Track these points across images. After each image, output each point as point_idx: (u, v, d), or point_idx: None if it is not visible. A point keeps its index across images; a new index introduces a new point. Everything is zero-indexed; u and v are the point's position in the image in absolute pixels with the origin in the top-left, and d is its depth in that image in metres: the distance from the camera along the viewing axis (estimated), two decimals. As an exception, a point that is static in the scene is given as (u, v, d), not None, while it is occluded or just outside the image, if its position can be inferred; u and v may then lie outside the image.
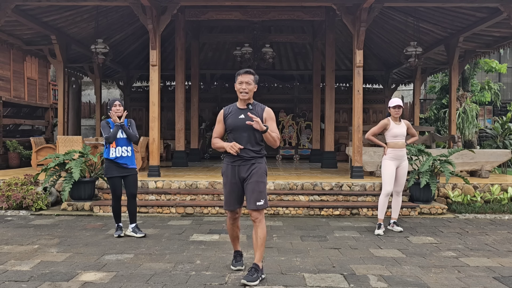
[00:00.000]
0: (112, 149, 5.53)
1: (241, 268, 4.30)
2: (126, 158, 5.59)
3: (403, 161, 6.06)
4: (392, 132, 5.99)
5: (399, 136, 5.99)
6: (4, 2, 8.55)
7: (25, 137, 13.87)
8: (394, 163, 6.01)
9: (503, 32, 10.34)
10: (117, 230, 5.69)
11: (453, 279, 4.08)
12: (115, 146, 5.54)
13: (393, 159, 6.01)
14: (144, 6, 8.40)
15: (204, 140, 15.36)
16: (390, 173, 6.01)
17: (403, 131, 6.02)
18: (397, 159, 6.01)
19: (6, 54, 13.37)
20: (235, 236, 4.28)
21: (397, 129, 5.99)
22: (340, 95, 15.06)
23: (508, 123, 14.98)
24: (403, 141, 6.03)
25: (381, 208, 6.10)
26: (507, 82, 20.21)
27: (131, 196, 5.66)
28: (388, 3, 8.76)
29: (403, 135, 6.02)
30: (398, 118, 6.05)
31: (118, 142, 5.56)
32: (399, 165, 6.04)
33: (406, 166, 6.10)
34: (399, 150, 6.00)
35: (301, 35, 13.85)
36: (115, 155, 5.52)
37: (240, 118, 3.96)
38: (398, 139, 6.00)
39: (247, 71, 4.03)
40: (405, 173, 6.12)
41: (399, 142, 6.00)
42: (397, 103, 5.96)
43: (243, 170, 3.96)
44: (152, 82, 8.68)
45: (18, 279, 3.98)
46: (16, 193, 7.38)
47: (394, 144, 6.00)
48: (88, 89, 19.75)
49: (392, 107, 5.99)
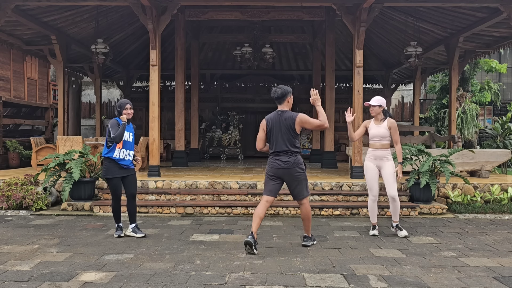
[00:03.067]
0: (117, 150, 5.50)
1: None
2: (128, 161, 5.60)
3: (385, 162, 5.75)
4: (370, 133, 5.84)
5: (376, 137, 5.78)
6: (4, 2, 8.55)
7: (25, 137, 13.87)
8: (372, 164, 5.80)
9: (503, 32, 10.34)
10: (117, 230, 5.69)
11: (453, 279, 4.08)
12: (121, 148, 5.52)
13: (370, 160, 5.84)
14: (144, 6, 8.40)
15: (204, 140, 15.36)
16: (369, 176, 5.81)
17: (381, 132, 5.74)
18: (376, 160, 5.79)
19: (6, 54, 13.37)
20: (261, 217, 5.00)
21: (375, 130, 5.79)
22: (340, 95, 15.07)
23: (508, 123, 14.98)
24: (381, 142, 5.75)
25: (370, 212, 5.95)
26: (507, 82, 20.21)
27: (130, 196, 5.66)
28: (388, 3, 8.76)
29: (380, 136, 5.75)
30: (381, 117, 5.80)
31: (125, 145, 5.55)
32: (380, 166, 5.78)
33: (390, 166, 5.74)
34: (376, 151, 5.79)
35: (301, 35, 13.86)
36: (119, 156, 5.51)
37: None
38: (375, 140, 5.79)
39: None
40: (390, 172, 5.73)
41: (376, 144, 5.79)
42: (370, 102, 5.79)
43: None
44: (152, 82, 8.68)
45: (18, 279, 3.98)
46: (16, 193, 7.38)
47: (371, 144, 5.84)
48: (88, 89, 19.75)
49: (369, 106, 5.85)
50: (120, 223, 5.72)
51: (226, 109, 16.02)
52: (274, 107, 5.19)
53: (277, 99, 5.09)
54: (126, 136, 5.56)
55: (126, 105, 5.60)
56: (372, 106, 5.80)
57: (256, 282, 3.93)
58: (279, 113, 5.03)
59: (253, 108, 16.56)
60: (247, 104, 16.46)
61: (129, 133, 5.62)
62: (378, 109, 5.78)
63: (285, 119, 4.97)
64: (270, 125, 5.03)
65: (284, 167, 4.95)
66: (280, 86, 5.14)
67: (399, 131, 6.51)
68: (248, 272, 4.22)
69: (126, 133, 5.56)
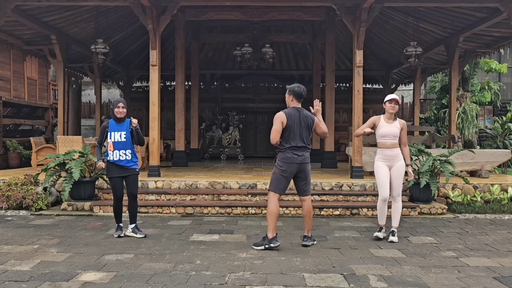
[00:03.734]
0: (110, 152, 5.52)
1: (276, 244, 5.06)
2: (125, 161, 5.56)
3: (396, 162, 5.54)
4: (380, 132, 5.53)
5: (388, 136, 5.51)
6: (4, 2, 8.55)
7: (25, 137, 13.86)
8: (384, 164, 5.56)
9: (503, 32, 10.34)
10: (117, 230, 5.69)
11: (453, 279, 4.08)
12: (112, 150, 5.51)
13: (382, 160, 5.57)
14: (144, 6, 8.40)
15: (204, 140, 15.37)
16: (381, 176, 5.55)
17: (394, 131, 5.49)
18: (387, 160, 5.55)
19: (6, 54, 13.35)
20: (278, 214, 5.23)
21: (386, 128, 5.50)
22: (340, 95, 15.05)
23: (508, 123, 14.97)
24: (392, 141, 5.51)
25: (379, 214, 5.73)
26: (507, 82, 20.20)
27: (130, 196, 5.65)
28: (388, 3, 8.75)
29: (393, 135, 5.50)
30: (393, 116, 5.56)
31: (116, 146, 5.52)
32: (391, 166, 5.56)
33: (401, 166, 5.56)
34: (387, 150, 5.53)
35: (301, 35, 13.85)
36: (113, 158, 5.52)
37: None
38: (386, 139, 5.52)
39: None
40: (400, 174, 5.56)
41: (387, 142, 5.52)
42: (393, 97, 5.50)
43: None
44: (152, 82, 8.68)
45: (18, 279, 3.98)
46: (16, 193, 7.38)
47: (381, 144, 5.56)
48: (88, 89, 19.74)
49: (388, 101, 5.52)
50: (120, 223, 5.72)
51: (226, 109, 16.02)
52: (274, 107, 5.22)
53: (300, 97, 5.20)
54: (117, 136, 5.51)
55: (118, 104, 5.57)
56: (395, 103, 5.50)
57: (256, 282, 3.93)
58: (298, 110, 5.14)
59: (253, 108, 16.56)
60: (247, 104, 16.46)
61: (120, 133, 5.53)
62: (397, 106, 5.55)
63: (305, 117, 5.13)
64: (291, 120, 5.06)
65: (301, 161, 5.09)
66: (301, 85, 5.24)
67: None
68: (248, 272, 4.22)
69: (117, 133, 5.52)
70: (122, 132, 5.56)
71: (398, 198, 5.67)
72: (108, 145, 5.54)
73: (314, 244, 5.32)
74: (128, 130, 5.60)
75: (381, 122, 5.58)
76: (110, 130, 5.56)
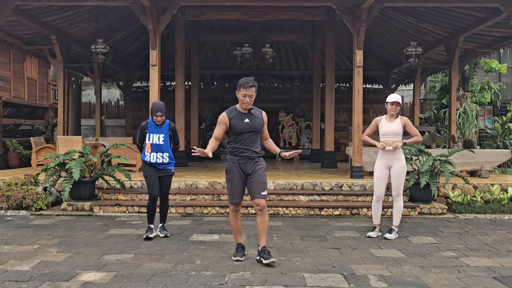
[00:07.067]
0: (147, 154, 5.50)
1: (240, 259, 4.61)
2: (162, 164, 5.54)
3: (396, 162, 5.60)
4: (381, 130, 5.63)
5: (389, 135, 5.58)
6: (4, 2, 8.55)
7: (25, 137, 13.86)
8: (382, 163, 5.65)
9: (503, 32, 10.34)
10: (147, 231, 5.55)
11: (453, 279, 4.08)
12: (150, 152, 5.49)
13: (381, 159, 5.66)
14: (144, 6, 8.40)
15: (204, 140, 15.35)
16: (377, 175, 5.68)
17: (395, 129, 5.56)
18: (386, 159, 5.62)
19: (6, 54, 13.36)
20: (239, 228, 4.76)
21: (387, 127, 5.60)
22: (340, 95, 15.06)
23: (508, 123, 14.98)
24: (394, 139, 5.57)
25: (373, 213, 5.84)
26: (507, 82, 20.20)
27: (161, 196, 5.66)
28: (388, 3, 8.76)
29: (394, 133, 5.57)
30: (394, 116, 5.64)
31: (152, 148, 5.49)
32: (390, 165, 5.63)
33: (400, 167, 5.61)
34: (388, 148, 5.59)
35: (301, 35, 13.85)
36: (149, 160, 5.50)
37: (246, 122, 4.54)
38: (387, 138, 5.59)
39: (251, 85, 4.47)
40: (399, 174, 5.61)
41: (388, 141, 5.58)
42: (395, 99, 5.55)
43: (248, 167, 4.54)
44: (152, 82, 8.68)
45: (18, 279, 3.98)
46: (16, 193, 7.38)
47: (383, 142, 5.62)
48: (88, 89, 19.74)
49: (390, 103, 5.58)
50: (151, 224, 5.65)
51: (226, 109, 15.97)
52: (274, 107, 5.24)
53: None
54: (155, 138, 5.47)
55: (156, 112, 5.44)
56: (396, 105, 5.56)
57: (256, 282, 3.93)
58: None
59: (253, 108, 16.52)
60: (247, 104, 16.40)
61: (158, 135, 5.49)
62: (399, 107, 5.62)
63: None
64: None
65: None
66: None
67: None
68: (248, 272, 4.22)
69: (155, 135, 5.48)
70: (160, 135, 5.51)
71: (398, 198, 5.75)
72: (146, 146, 5.50)
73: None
74: (167, 133, 5.57)
75: (382, 122, 5.73)
76: (148, 131, 5.50)
